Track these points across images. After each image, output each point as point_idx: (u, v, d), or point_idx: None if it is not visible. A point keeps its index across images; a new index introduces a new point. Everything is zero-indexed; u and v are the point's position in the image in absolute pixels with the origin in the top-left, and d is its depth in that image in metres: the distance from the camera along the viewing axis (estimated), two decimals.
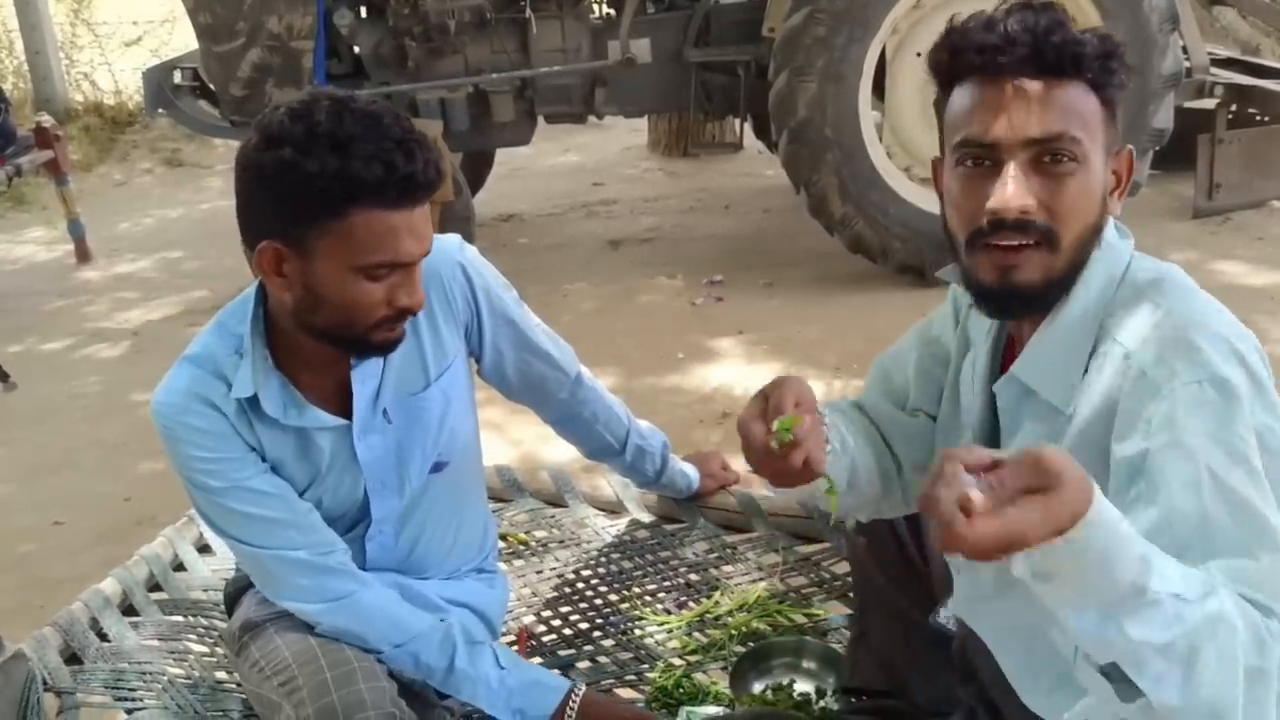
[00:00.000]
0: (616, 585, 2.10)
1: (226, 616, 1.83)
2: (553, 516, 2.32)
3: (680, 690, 1.81)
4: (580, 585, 2.11)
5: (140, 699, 1.81)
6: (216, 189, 7.45)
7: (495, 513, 2.30)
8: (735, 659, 1.84)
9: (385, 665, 1.58)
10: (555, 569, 2.16)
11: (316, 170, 1.37)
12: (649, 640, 1.95)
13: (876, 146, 4.57)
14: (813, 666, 1.81)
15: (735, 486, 2.30)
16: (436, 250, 1.68)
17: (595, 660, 1.92)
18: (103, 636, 1.95)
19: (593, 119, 5.57)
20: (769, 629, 1.94)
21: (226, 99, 4.89)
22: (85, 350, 4.91)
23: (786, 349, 4.22)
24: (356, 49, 5.10)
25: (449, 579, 1.81)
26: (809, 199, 4.66)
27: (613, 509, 2.32)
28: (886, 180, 4.55)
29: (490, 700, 1.64)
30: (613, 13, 5.32)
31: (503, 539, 2.22)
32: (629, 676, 1.88)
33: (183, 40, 8.12)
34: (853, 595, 1.78)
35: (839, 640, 1.89)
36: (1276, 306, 4.25)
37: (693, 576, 2.10)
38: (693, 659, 1.90)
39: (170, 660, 1.91)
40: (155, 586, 2.10)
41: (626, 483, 2.27)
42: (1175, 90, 4.68)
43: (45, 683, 1.79)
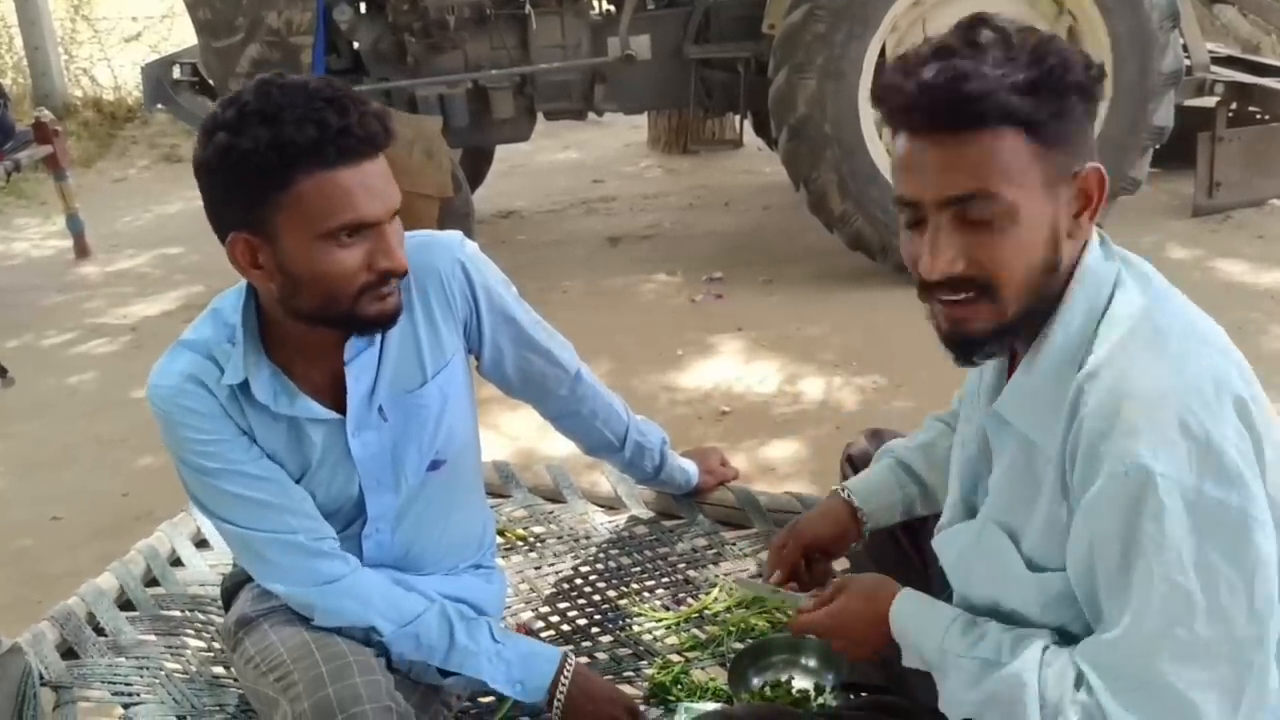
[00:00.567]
0: (614, 581, 2.09)
1: (224, 612, 1.82)
2: (551, 512, 2.31)
3: (678, 686, 1.80)
4: (578, 581, 2.10)
5: (137, 694, 1.80)
6: None
7: (493, 508, 2.29)
8: (733, 655, 1.83)
9: (382, 659, 1.57)
10: (553, 565, 2.15)
11: (251, 146, 1.38)
12: (647, 636, 1.95)
13: (876, 143, 4.57)
14: (811, 663, 1.80)
15: (734, 482, 2.29)
16: (437, 247, 1.68)
17: (593, 656, 1.92)
18: (100, 631, 1.94)
19: (592, 116, 5.57)
20: (767, 625, 1.94)
21: (225, 94, 4.89)
22: (83, 346, 4.91)
23: (786, 346, 4.22)
24: (356, 45, 5.11)
25: (446, 575, 1.81)
26: (809, 196, 4.67)
27: (611, 505, 2.32)
28: (886, 177, 4.54)
29: (492, 673, 1.65)
30: (612, 9, 5.32)
31: (501, 535, 2.22)
32: (627, 673, 1.87)
33: (182, 35, 8.12)
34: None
35: None
36: (1276, 305, 4.25)
37: (691, 573, 2.09)
38: (690, 655, 1.89)
39: (168, 655, 1.90)
40: (153, 582, 2.10)
41: (625, 479, 2.27)
42: (1175, 88, 4.69)
43: (42, 677, 1.78)
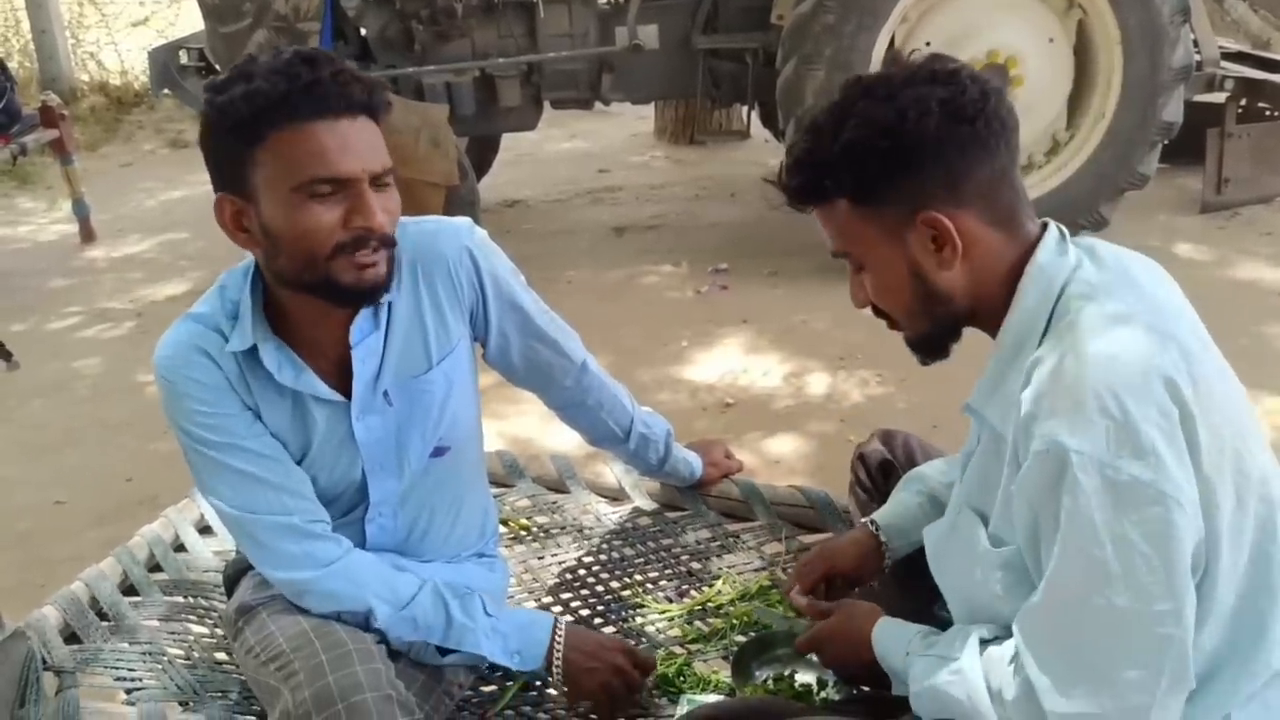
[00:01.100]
0: (618, 572, 2.09)
1: (226, 598, 1.82)
2: (555, 502, 2.31)
3: (681, 679, 1.80)
4: (581, 572, 2.10)
5: (140, 679, 1.80)
6: None
7: (497, 498, 2.29)
8: (737, 648, 1.83)
9: (382, 647, 1.56)
10: (557, 555, 2.15)
11: (227, 101, 1.42)
12: (650, 628, 1.95)
13: None
14: (814, 657, 1.80)
15: (738, 475, 2.29)
16: (445, 233, 1.68)
17: None
18: (103, 616, 1.94)
19: (599, 105, 5.55)
20: (785, 616, 1.93)
21: None
22: (88, 330, 4.91)
23: (790, 339, 4.21)
24: (363, 31, 5.09)
25: (449, 563, 1.81)
26: None
27: (615, 496, 2.32)
28: None
29: (490, 648, 1.66)
30: None
31: (504, 524, 2.21)
32: None
33: (189, 20, 8.11)
34: (855, 588, 1.78)
35: None
36: None
37: (694, 565, 2.09)
38: (694, 647, 1.89)
39: (170, 641, 1.90)
40: (156, 567, 2.10)
41: (629, 469, 2.26)
42: (1185, 83, 4.66)
43: (45, 662, 1.78)
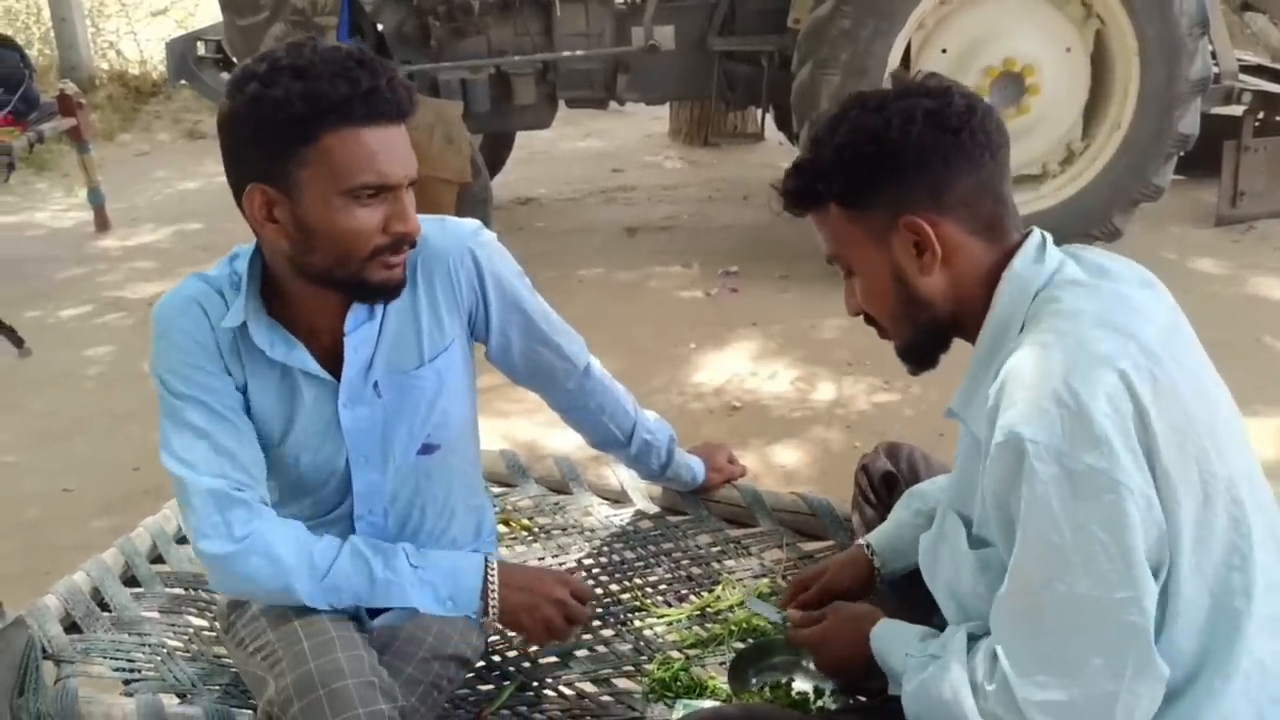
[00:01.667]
0: (618, 575, 2.09)
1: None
2: (557, 503, 2.31)
3: (678, 683, 1.80)
4: (582, 573, 2.10)
5: (138, 670, 1.81)
6: None
7: (499, 497, 2.29)
8: (734, 654, 1.83)
9: (366, 635, 1.56)
10: (558, 557, 2.15)
11: (282, 95, 1.40)
12: (649, 632, 1.94)
13: None
14: (811, 666, 1.80)
15: (741, 480, 2.29)
16: (449, 233, 1.68)
17: (594, 650, 1.91)
18: (104, 606, 1.95)
19: (614, 105, 5.56)
20: (769, 626, 1.93)
21: None
22: (100, 319, 4.94)
23: (799, 343, 4.21)
24: (380, 26, 5.10)
25: None
26: None
27: (617, 498, 2.31)
28: None
29: (421, 599, 1.62)
30: None
31: (506, 524, 2.22)
32: (627, 667, 1.86)
33: (208, 12, 8.13)
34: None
35: None
36: None
37: (695, 570, 2.09)
38: (692, 652, 1.89)
39: (170, 633, 1.91)
40: (158, 559, 2.11)
41: (632, 473, 2.26)
42: (1202, 96, 4.64)
43: (45, 650, 1.79)
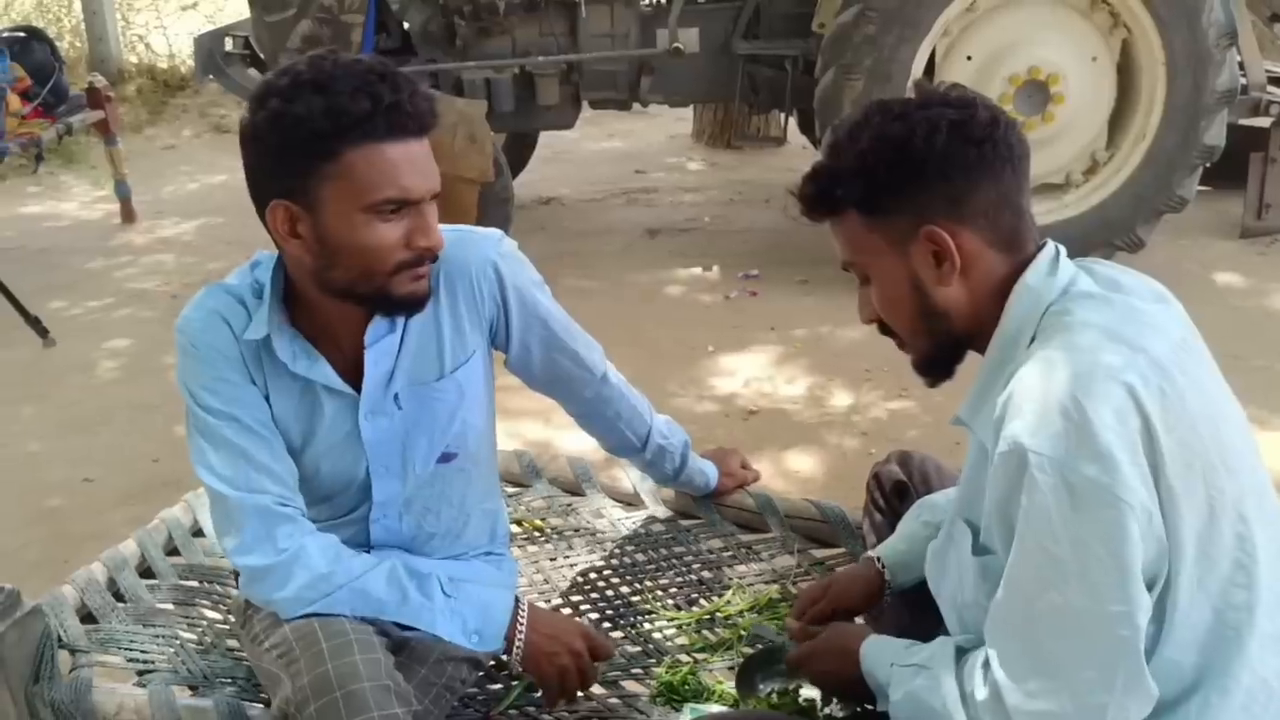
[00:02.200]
0: (629, 578, 2.10)
1: (238, 586, 1.84)
2: (569, 505, 2.32)
3: (686, 687, 1.80)
4: (593, 575, 2.11)
5: (152, 661, 1.83)
6: None
7: (512, 498, 2.30)
8: (742, 659, 1.83)
9: (383, 639, 1.57)
10: (569, 558, 2.16)
11: (304, 112, 1.41)
12: (658, 635, 1.95)
13: None
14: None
15: (754, 486, 2.29)
16: (472, 244, 1.69)
17: None
18: (120, 598, 1.97)
19: (638, 106, 5.57)
20: (779, 632, 1.93)
21: (276, 68, 4.93)
22: (123, 310, 4.98)
23: (817, 348, 4.20)
24: (406, 25, 5.13)
25: (456, 560, 1.82)
26: None
27: (630, 501, 2.32)
28: None
29: (447, 627, 1.62)
30: (663, 1, 5.30)
31: (518, 525, 2.23)
32: (635, 670, 1.87)
33: (237, 7, 8.19)
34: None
35: None
36: None
37: (705, 574, 2.09)
38: (700, 657, 1.89)
39: (184, 625, 1.93)
40: (174, 551, 2.12)
41: (645, 476, 2.27)
42: (1229, 107, 4.61)
43: (60, 640, 1.81)
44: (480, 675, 1.81)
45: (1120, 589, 1.16)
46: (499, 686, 1.81)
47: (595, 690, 1.80)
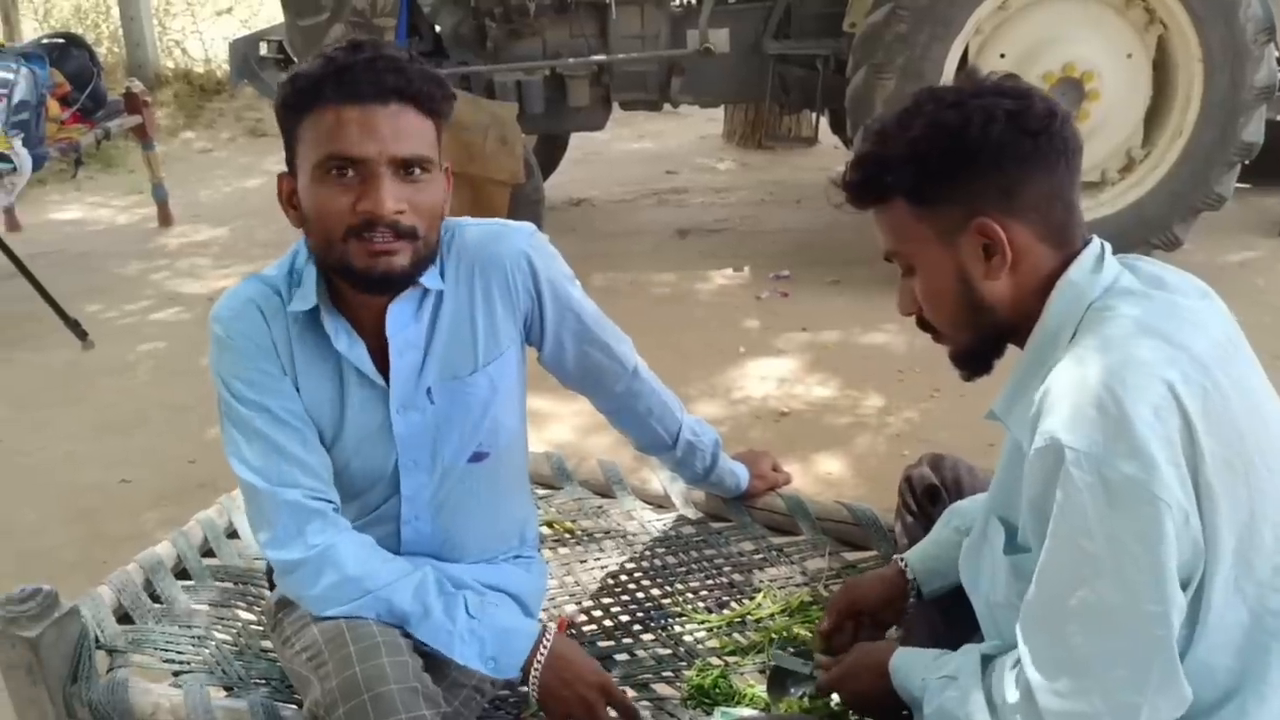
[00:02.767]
0: (659, 580, 2.09)
1: (270, 588, 1.86)
2: (600, 507, 2.32)
3: (716, 690, 1.80)
4: (623, 578, 2.11)
5: (187, 662, 1.84)
6: None
7: (543, 499, 2.31)
8: (774, 663, 1.83)
9: (410, 641, 1.57)
10: (599, 560, 2.16)
11: (285, 82, 1.54)
12: (688, 638, 1.95)
13: None
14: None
15: (785, 488, 2.28)
16: (505, 238, 1.70)
17: (633, 654, 1.92)
18: (155, 599, 1.99)
19: (668, 107, 5.56)
20: (810, 635, 1.93)
21: None
22: (160, 313, 5.04)
23: (850, 351, 4.18)
24: (437, 28, 5.15)
25: (486, 564, 1.82)
26: None
27: (660, 503, 2.32)
28: None
29: (463, 650, 1.60)
30: (693, 1, 5.30)
31: (549, 526, 2.23)
32: (666, 673, 1.87)
33: (272, 11, 8.26)
34: (885, 628, 1.78)
35: None
36: None
37: (736, 576, 2.09)
38: (731, 660, 1.89)
39: (218, 626, 1.95)
40: (209, 552, 2.15)
41: (675, 477, 2.26)
42: (1267, 102, 4.54)
43: (98, 640, 1.84)
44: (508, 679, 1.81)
45: (1155, 588, 1.14)
46: (527, 688, 1.81)
47: (626, 693, 1.79)
